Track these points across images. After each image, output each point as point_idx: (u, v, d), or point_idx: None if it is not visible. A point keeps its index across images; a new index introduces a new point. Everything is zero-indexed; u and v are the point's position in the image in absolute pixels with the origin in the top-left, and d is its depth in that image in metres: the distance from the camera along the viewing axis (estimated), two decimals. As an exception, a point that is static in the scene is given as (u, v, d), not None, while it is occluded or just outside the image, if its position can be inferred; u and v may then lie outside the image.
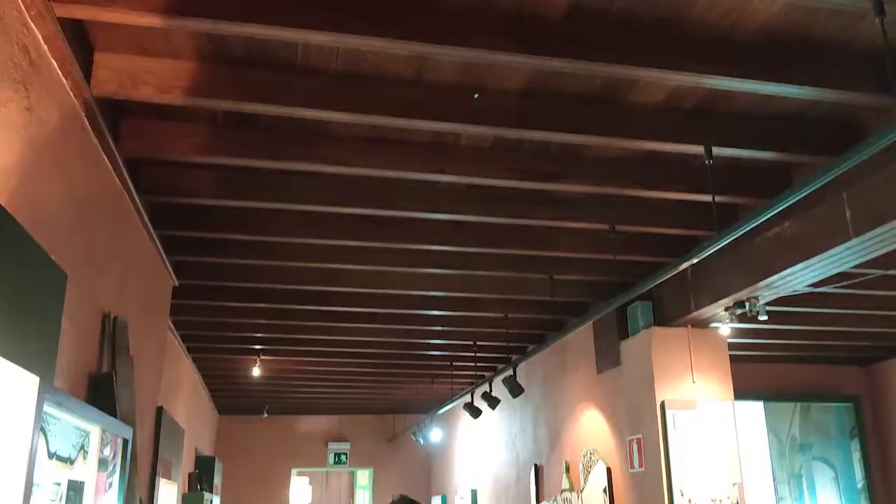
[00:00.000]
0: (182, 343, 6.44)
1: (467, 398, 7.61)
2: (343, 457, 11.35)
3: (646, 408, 4.86)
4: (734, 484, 4.70)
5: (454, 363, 7.53)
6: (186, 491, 7.09)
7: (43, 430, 2.12)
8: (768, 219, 3.13)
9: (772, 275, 3.90)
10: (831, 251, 3.50)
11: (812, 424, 7.41)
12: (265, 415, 10.42)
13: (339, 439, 11.43)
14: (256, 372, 7.25)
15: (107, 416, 2.76)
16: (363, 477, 14.85)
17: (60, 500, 2.33)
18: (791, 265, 3.74)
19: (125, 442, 3.08)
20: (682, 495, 4.60)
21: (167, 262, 4.43)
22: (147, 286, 4.12)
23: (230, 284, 5.15)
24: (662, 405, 4.74)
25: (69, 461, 2.41)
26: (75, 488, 2.47)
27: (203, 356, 7.16)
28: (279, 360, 7.34)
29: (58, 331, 2.33)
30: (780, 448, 7.34)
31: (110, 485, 2.94)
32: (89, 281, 2.88)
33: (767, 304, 4.36)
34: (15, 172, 2.17)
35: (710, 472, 4.68)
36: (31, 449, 1.97)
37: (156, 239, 4.06)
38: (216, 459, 8.58)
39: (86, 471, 2.59)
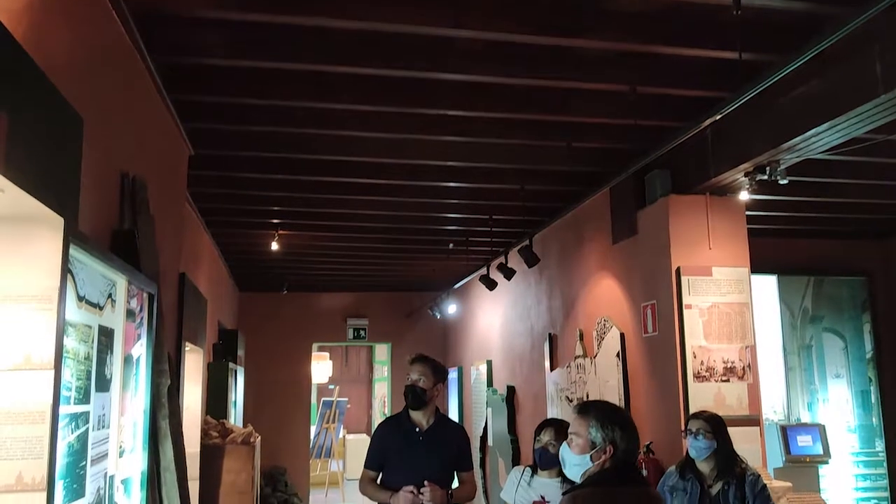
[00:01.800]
0: (200, 216, 6.50)
1: (483, 272, 7.72)
2: (362, 332, 11.65)
3: (661, 274, 4.91)
4: (746, 347, 4.80)
5: (470, 238, 7.58)
6: (211, 361, 7.35)
7: (71, 273, 2.16)
8: (793, 78, 3.04)
9: (795, 136, 3.82)
10: (859, 109, 3.41)
11: (824, 298, 7.48)
12: (284, 291, 10.63)
13: (357, 315, 11.70)
14: (275, 247, 7.34)
15: (131, 269, 2.82)
16: (381, 353, 15.33)
17: (93, 342, 2.41)
18: (815, 125, 3.66)
19: (151, 297, 3.16)
20: (695, 357, 4.71)
21: (182, 129, 4.41)
22: (163, 152, 4.12)
23: (246, 154, 5.14)
24: (678, 271, 4.78)
25: (98, 307, 2.47)
26: (106, 334, 2.55)
27: (221, 231, 7.24)
28: (297, 234, 7.41)
29: (78, 178, 2.34)
30: (791, 320, 7.44)
31: (139, 336, 3.03)
32: (105, 137, 2.87)
33: (788, 172, 4.31)
34: (25, 15, 2.12)
35: (723, 336, 4.77)
36: (62, 288, 2.02)
37: (169, 104, 4.02)
38: (238, 332, 8.84)
39: (115, 319, 2.67)
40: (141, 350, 3.06)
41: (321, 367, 13.59)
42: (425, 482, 3.75)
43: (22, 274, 2.02)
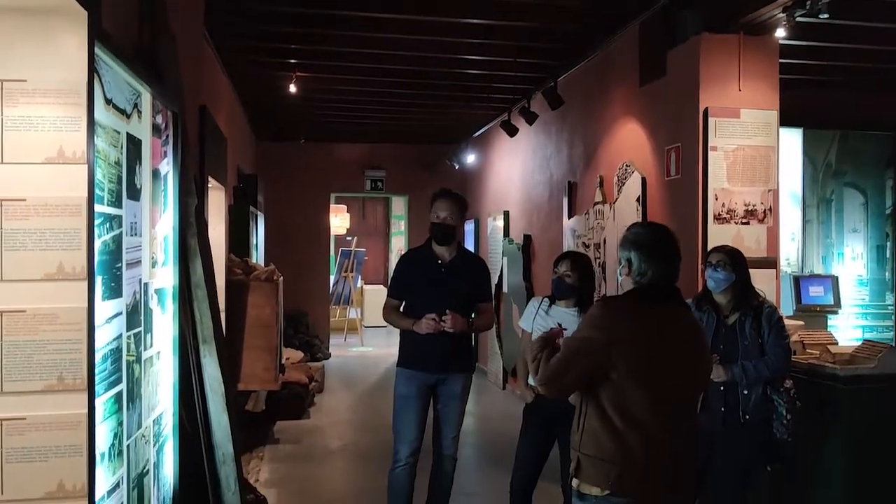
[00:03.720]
0: (217, 55, 6.36)
1: (504, 118, 7.61)
2: (379, 183, 11.68)
3: (688, 116, 4.81)
4: (769, 190, 4.78)
5: (492, 84, 7.42)
6: (232, 203, 7.43)
7: (97, 73, 2.13)
8: None
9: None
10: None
11: (849, 153, 7.35)
12: (302, 141, 10.58)
13: (375, 167, 11.68)
14: (293, 89, 7.22)
15: (155, 82, 2.78)
16: (398, 207, 15.45)
17: (121, 149, 2.42)
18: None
19: (175, 116, 3.14)
20: (717, 199, 4.70)
21: (197, -49, 4.23)
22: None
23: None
24: (706, 112, 4.68)
25: (125, 114, 2.46)
26: (134, 143, 2.56)
27: (239, 72, 7.10)
28: (315, 76, 7.27)
29: (99, -24, 2.27)
30: (813, 174, 7.36)
31: (165, 154, 3.04)
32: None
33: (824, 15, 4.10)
34: None
35: (746, 179, 4.73)
36: (89, 84, 2.00)
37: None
38: (258, 178, 8.88)
39: (141, 130, 2.66)
40: (168, 168, 3.08)
41: (339, 220, 13.74)
42: (447, 311, 3.87)
43: (49, 68, 2.00)
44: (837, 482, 3.59)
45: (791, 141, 6.88)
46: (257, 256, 8.34)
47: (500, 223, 9.16)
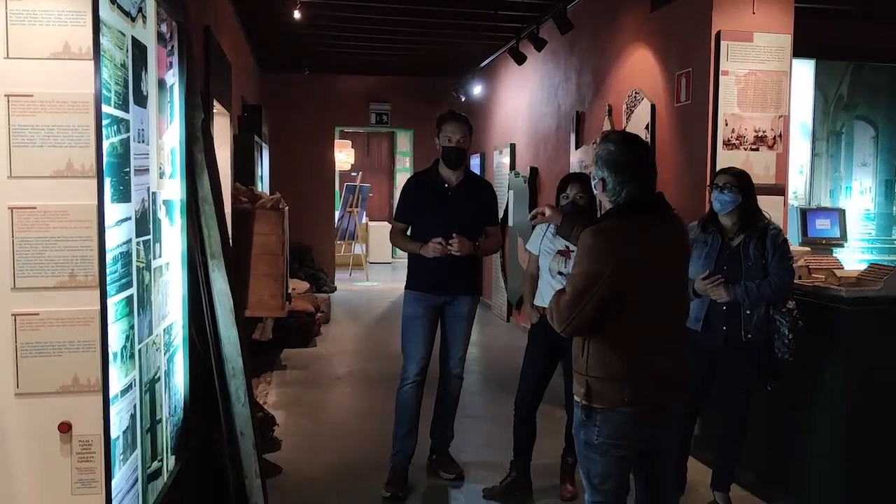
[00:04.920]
0: (220, -22, 6.24)
1: (513, 46, 7.49)
2: (384, 117, 11.57)
3: (700, 40, 4.73)
4: (779, 116, 4.72)
5: (499, 12, 7.27)
6: (237, 133, 7.39)
7: (101, -33, 2.09)
8: None
9: None
10: None
11: (862, 84, 7.22)
12: (306, 72, 10.45)
13: (380, 100, 11.56)
14: (297, 15, 7.09)
15: (160, -12, 2.74)
16: (403, 143, 15.35)
17: (127, 51, 2.39)
18: None
19: (180, 27, 3.10)
20: (727, 125, 4.65)
21: None
22: None
23: None
24: (718, 36, 4.60)
25: (130, 17, 2.43)
26: (139, 48, 2.52)
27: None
28: (319, 2, 7.13)
29: None
30: (824, 107, 7.25)
31: (171, 64, 3.01)
32: None
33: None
34: None
35: (757, 104, 4.67)
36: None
37: None
38: (262, 108, 8.80)
39: (147, 36, 2.63)
40: (174, 79, 3.05)
41: (344, 156, 13.67)
42: (454, 234, 3.87)
43: (52, -39, 1.97)
44: (839, 405, 3.63)
45: (803, 73, 6.77)
46: (262, 189, 8.32)
47: (507, 159, 9.09)
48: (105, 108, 2.12)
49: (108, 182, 2.15)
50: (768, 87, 4.69)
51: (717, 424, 3.87)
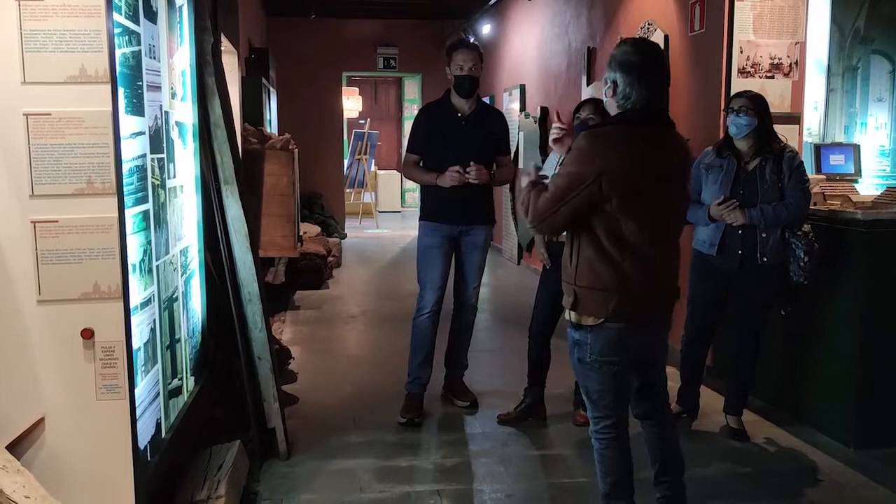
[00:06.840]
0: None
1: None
2: (392, 61, 11.43)
3: (714, -35, 4.63)
4: (795, 43, 4.64)
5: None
6: (245, 75, 7.33)
7: None
8: None
9: None
10: None
11: (880, 17, 7.06)
12: (312, 16, 10.30)
13: (387, 44, 11.41)
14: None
15: None
16: (411, 90, 15.20)
17: (136, -38, 2.35)
18: None
19: (187, -53, 3.05)
20: (742, 52, 4.57)
21: None
22: None
23: None
24: (734, -41, 4.50)
25: (138, -73, 2.38)
26: (148, -39, 2.48)
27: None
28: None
29: None
30: (840, 42, 7.10)
31: (179, -16, 2.96)
32: None
33: None
34: None
35: (773, 31, 4.59)
36: None
37: None
38: (269, 52, 8.71)
39: (155, -50, 2.58)
40: (183, 0, 3.01)
41: (351, 103, 13.56)
42: (471, 162, 3.84)
43: None
44: (854, 328, 3.62)
45: (819, 7, 6.63)
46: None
47: (516, 104, 8.99)
48: (116, 17, 2.10)
49: (121, 92, 2.14)
50: (785, 13, 4.60)
51: (731, 342, 3.87)
